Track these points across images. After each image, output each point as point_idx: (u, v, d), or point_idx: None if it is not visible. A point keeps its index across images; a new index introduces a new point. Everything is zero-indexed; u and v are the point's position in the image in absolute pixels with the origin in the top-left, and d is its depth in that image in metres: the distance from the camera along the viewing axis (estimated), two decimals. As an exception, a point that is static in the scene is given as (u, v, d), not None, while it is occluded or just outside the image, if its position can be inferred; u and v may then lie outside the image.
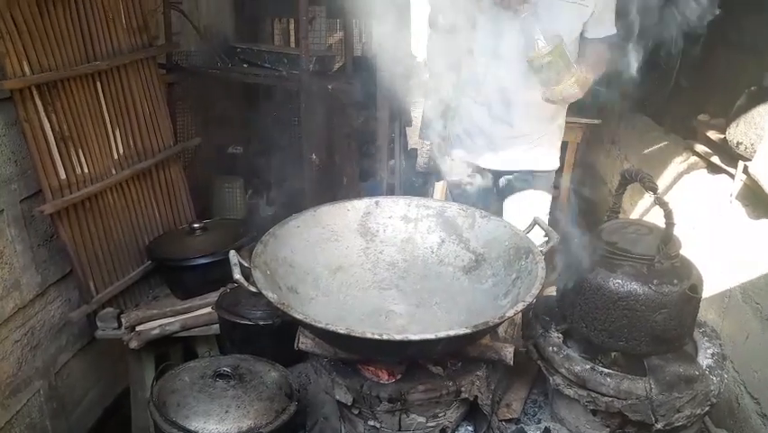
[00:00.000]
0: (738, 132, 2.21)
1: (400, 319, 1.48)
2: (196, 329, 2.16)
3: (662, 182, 2.82)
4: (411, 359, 1.27)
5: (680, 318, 1.16)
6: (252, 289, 1.23)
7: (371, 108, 3.21)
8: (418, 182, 3.63)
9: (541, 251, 1.32)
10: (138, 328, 2.14)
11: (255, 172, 3.02)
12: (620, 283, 1.14)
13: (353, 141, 3.18)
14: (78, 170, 2.13)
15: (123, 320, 2.12)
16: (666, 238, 1.13)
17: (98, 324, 2.15)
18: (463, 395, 1.25)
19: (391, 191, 2.99)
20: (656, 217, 1.23)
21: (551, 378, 1.25)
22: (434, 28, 2.04)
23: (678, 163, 2.79)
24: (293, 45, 3.33)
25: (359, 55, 3.61)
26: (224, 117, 3.13)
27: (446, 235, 1.59)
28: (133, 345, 2.07)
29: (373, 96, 3.17)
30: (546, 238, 1.39)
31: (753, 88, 2.27)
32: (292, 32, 3.58)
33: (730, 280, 2.19)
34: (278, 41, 3.48)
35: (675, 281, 1.13)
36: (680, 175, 2.78)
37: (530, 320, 1.37)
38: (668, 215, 1.13)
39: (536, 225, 1.44)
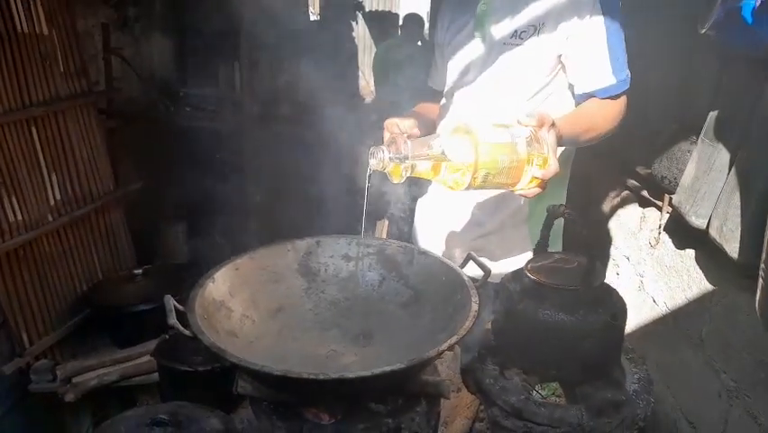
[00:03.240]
0: (663, 166, 2.34)
1: (343, 359, 1.48)
2: (137, 378, 2.09)
3: (599, 215, 2.94)
4: (350, 398, 1.27)
5: (605, 345, 1.20)
6: (188, 333, 1.22)
7: (318, 150, 3.25)
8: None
9: (476, 285, 1.36)
10: (74, 380, 2.05)
11: (199, 215, 3.00)
12: (549, 314, 1.18)
13: (300, 182, 3.20)
14: (11, 218, 2.08)
15: (57, 372, 2.04)
16: (589, 269, 1.18)
17: (32, 377, 2.06)
18: (404, 432, 1.26)
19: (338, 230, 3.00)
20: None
21: (488, 410, 1.27)
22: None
23: (612, 198, 2.92)
24: (237, 89, 3.35)
25: (306, 97, 3.67)
26: (168, 161, 3.11)
27: (387, 273, 1.61)
28: (69, 397, 1.99)
29: (321, 137, 3.22)
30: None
31: (674, 126, 2.42)
32: (237, 77, 3.60)
33: (663, 309, 2.29)
34: (223, 85, 3.49)
35: (600, 310, 1.18)
36: (614, 208, 2.91)
37: (467, 354, 1.40)
38: (588, 246, 1.19)
39: (470, 260, 1.47)
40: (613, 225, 2.86)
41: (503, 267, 1.48)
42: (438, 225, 1.87)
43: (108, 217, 2.54)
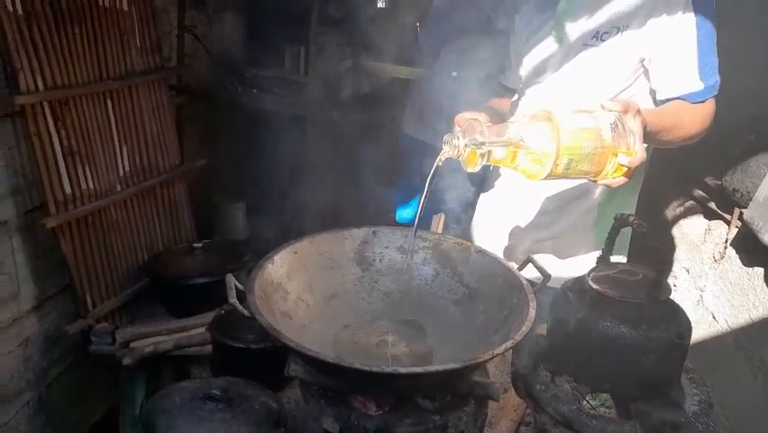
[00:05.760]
0: (735, 179, 2.25)
1: (393, 349, 1.49)
2: (190, 349, 2.16)
3: (660, 224, 2.84)
4: (399, 391, 1.27)
5: (667, 364, 1.17)
6: (246, 312, 1.25)
7: (379, 138, 3.26)
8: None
9: (534, 289, 1.34)
10: (132, 345, 2.14)
11: (259, 195, 3.05)
12: (609, 326, 1.15)
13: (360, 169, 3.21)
14: (84, 186, 2.16)
15: (117, 336, 2.13)
16: (656, 283, 1.15)
17: (92, 339, 2.15)
18: (450, 430, 1.25)
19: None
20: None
21: (537, 416, 1.26)
22: None
23: (675, 207, 2.82)
24: (303, 72, 3.38)
25: (368, 84, 3.67)
26: (231, 140, 3.18)
27: (441, 268, 1.60)
28: (126, 361, 2.07)
29: (382, 126, 3.22)
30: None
31: (751, 137, 2.31)
32: (303, 60, 3.63)
33: (723, 327, 2.20)
34: (289, 68, 3.53)
35: (663, 327, 1.14)
36: (677, 218, 2.81)
37: (520, 357, 1.38)
38: (659, 260, 1.15)
39: (530, 263, 1.45)
40: (674, 235, 2.76)
41: (564, 272, 1.45)
42: (500, 223, 1.85)
43: (172, 191, 2.61)
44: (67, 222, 2.08)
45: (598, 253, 1.33)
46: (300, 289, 1.51)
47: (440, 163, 1.26)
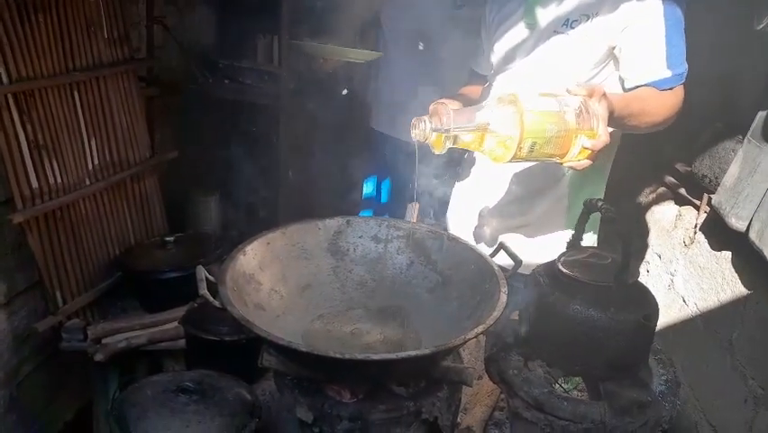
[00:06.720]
0: (704, 165, 2.28)
1: (367, 337, 1.49)
2: (164, 344, 2.14)
3: (632, 210, 2.88)
4: (373, 379, 1.28)
5: (635, 345, 1.19)
6: (217, 304, 1.24)
7: (352, 127, 3.25)
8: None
9: (505, 275, 1.35)
10: (104, 341, 2.11)
11: (231, 187, 3.02)
12: (579, 310, 1.17)
13: (331, 159, 3.20)
14: (51, 180, 2.12)
15: (88, 332, 2.10)
16: (623, 267, 1.16)
17: (63, 335, 2.12)
18: (424, 416, 1.26)
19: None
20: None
21: (510, 400, 1.27)
22: None
23: (647, 194, 2.86)
24: (276, 63, 3.34)
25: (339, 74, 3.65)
26: (203, 132, 3.14)
27: (415, 257, 1.61)
28: (98, 357, 2.05)
29: (352, 117, 3.22)
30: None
31: (719, 123, 2.35)
32: (276, 50, 3.60)
33: (693, 310, 2.25)
34: (261, 58, 3.49)
35: (631, 309, 1.16)
36: (649, 204, 2.85)
37: (493, 343, 1.39)
38: (625, 244, 1.16)
39: (502, 249, 1.46)
40: (646, 221, 2.81)
41: (536, 258, 1.47)
42: (475, 211, 1.86)
43: (143, 184, 2.57)
44: (34, 217, 2.04)
45: (567, 240, 1.35)
46: (273, 280, 1.50)
47: (416, 145, 1.28)
